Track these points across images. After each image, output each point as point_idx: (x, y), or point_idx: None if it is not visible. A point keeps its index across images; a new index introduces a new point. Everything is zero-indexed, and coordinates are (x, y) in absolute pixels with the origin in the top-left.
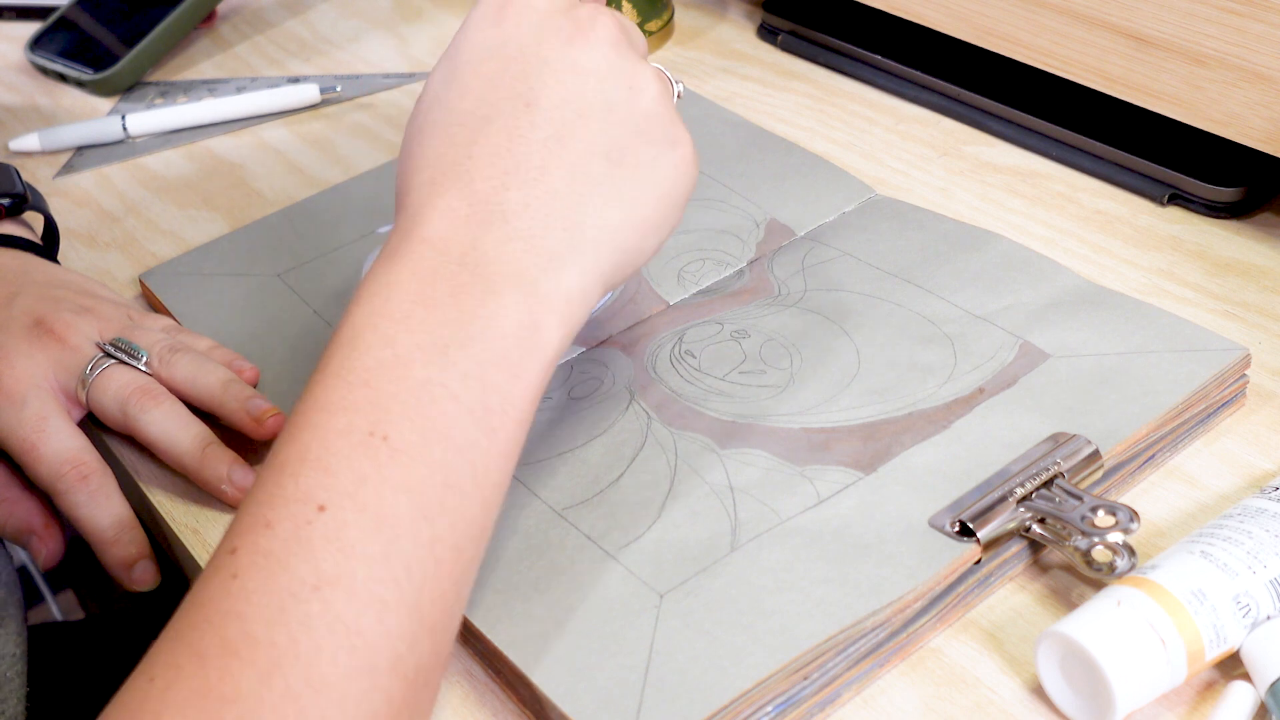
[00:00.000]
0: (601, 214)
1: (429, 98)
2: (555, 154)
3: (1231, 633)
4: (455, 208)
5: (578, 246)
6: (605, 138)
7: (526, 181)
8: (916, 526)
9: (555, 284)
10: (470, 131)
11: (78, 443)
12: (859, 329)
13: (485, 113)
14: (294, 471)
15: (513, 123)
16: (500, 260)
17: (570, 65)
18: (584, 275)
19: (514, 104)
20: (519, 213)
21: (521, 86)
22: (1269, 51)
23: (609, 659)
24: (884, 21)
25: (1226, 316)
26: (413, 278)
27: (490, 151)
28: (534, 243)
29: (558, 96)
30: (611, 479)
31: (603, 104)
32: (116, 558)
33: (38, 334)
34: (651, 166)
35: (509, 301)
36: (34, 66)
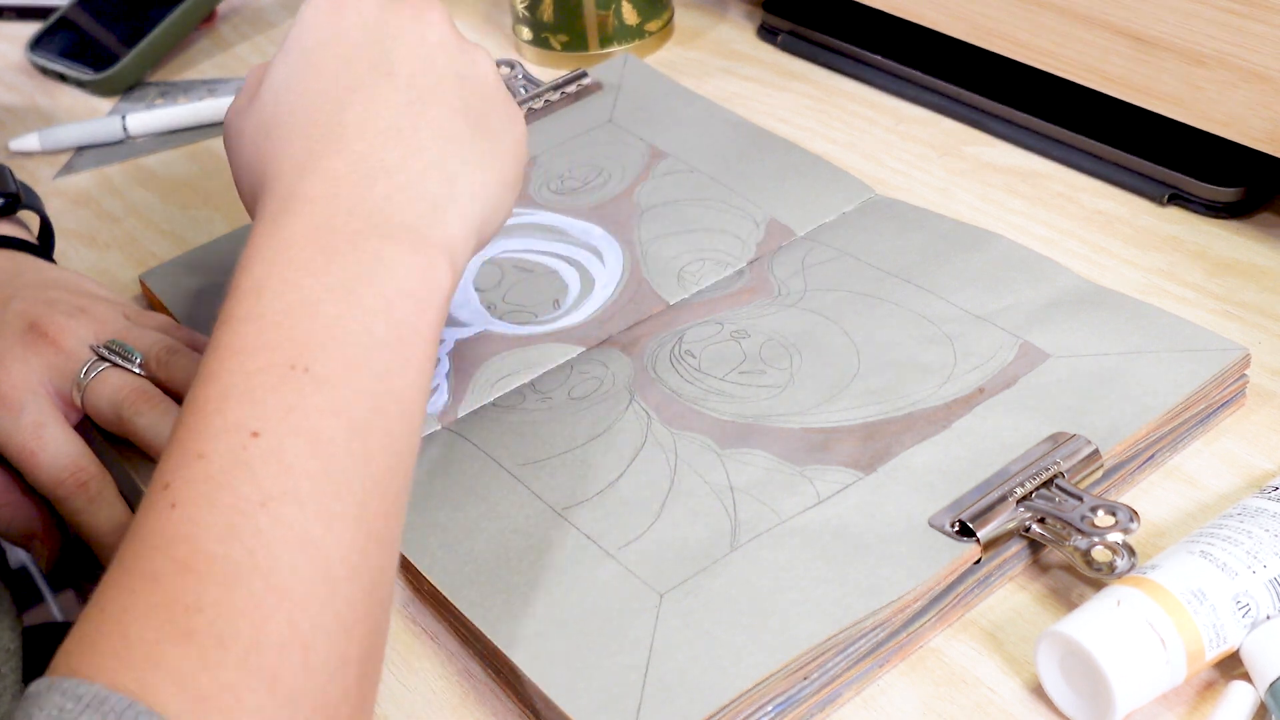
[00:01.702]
0: (470, 171)
1: (273, 87)
2: (422, 115)
3: (1231, 633)
4: (336, 168)
5: (454, 198)
6: (462, 104)
7: (401, 141)
8: (916, 526)
9: (440, 231)
10: (336, 102)
11: (75, 448)
12: (859, 329)
13: (347, 85)
14: (219, 407)
15: (377, 91)
16: (389, 210)
17: (419, 39)
18: (462, 223)
19: (374, 74)
20: (399, 168)
21: (378, 59)
22: (1269, 51)
23: (609, 659)
24: (884, 21)
25: (1226, 316)
26: (307, 231)
27: (360, 117)
28: (417, 194)
29: (413, 66)
30: (611, 479)
31: (454, 73)
32: None
33: (32, 338)
34: (503, 131)
35: (404, 245)
36: (34, 66)
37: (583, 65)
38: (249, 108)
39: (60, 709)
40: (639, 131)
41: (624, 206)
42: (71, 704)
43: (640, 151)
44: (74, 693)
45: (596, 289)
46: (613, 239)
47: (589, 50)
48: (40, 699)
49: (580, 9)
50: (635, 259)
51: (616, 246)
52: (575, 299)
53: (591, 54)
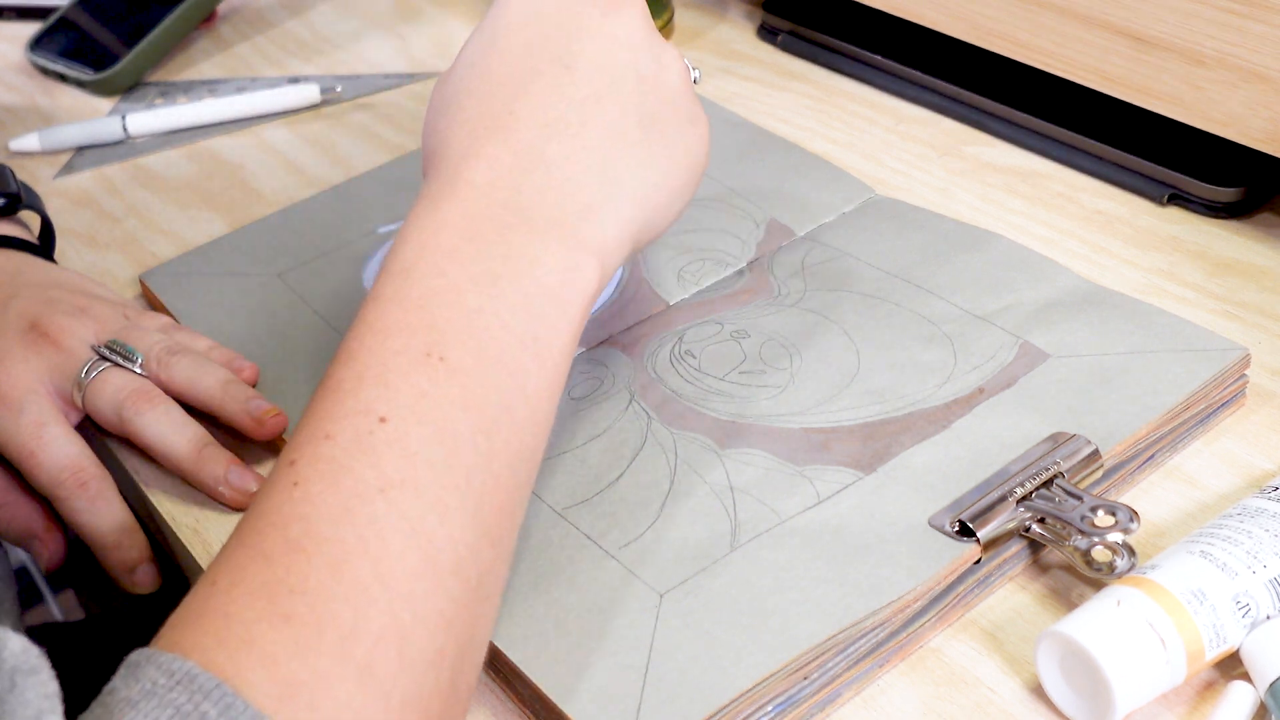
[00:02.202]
0: (635, 173)
1: (463, 63)
2: (594, 113)
3: (1231, 633)
4: (499, 156)
5: (613, 199)
6: (638, 104)
7: (567, 136)
8: (916, 526)
9: (592, 231)
10: (512, 89)
11: (76, 449)
12: (859, 329)
13: (526, 73)
14: (352, 389)
15: (554, 82)
16: (543, 205)
17: (607, 34)
18: (618, 227)
19: (554, 66)
20: (560, 163)
21: (561, 50)
22: (1269, 51)
23: (609, 659)
24: (884, 21)
25: (1226, 316)
26: (461, 217)
27: (533, 107)
28: (573, 192)
29: (595, 62)
30: (611, 479)
31: (635, 74)
32: (117, 562)
33: (33, 338)
34: (678, 137)
35: (552, 242)
36: (34, 66)
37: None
38: (444, 78)
39: (153, 682)
40: None
41: None
42: (164, 679)
43: None
44: (168, 668)
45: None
46: None
47: None
48: (137, 670)
49: None
50: (635, 259)
51: None
52: None
53: None
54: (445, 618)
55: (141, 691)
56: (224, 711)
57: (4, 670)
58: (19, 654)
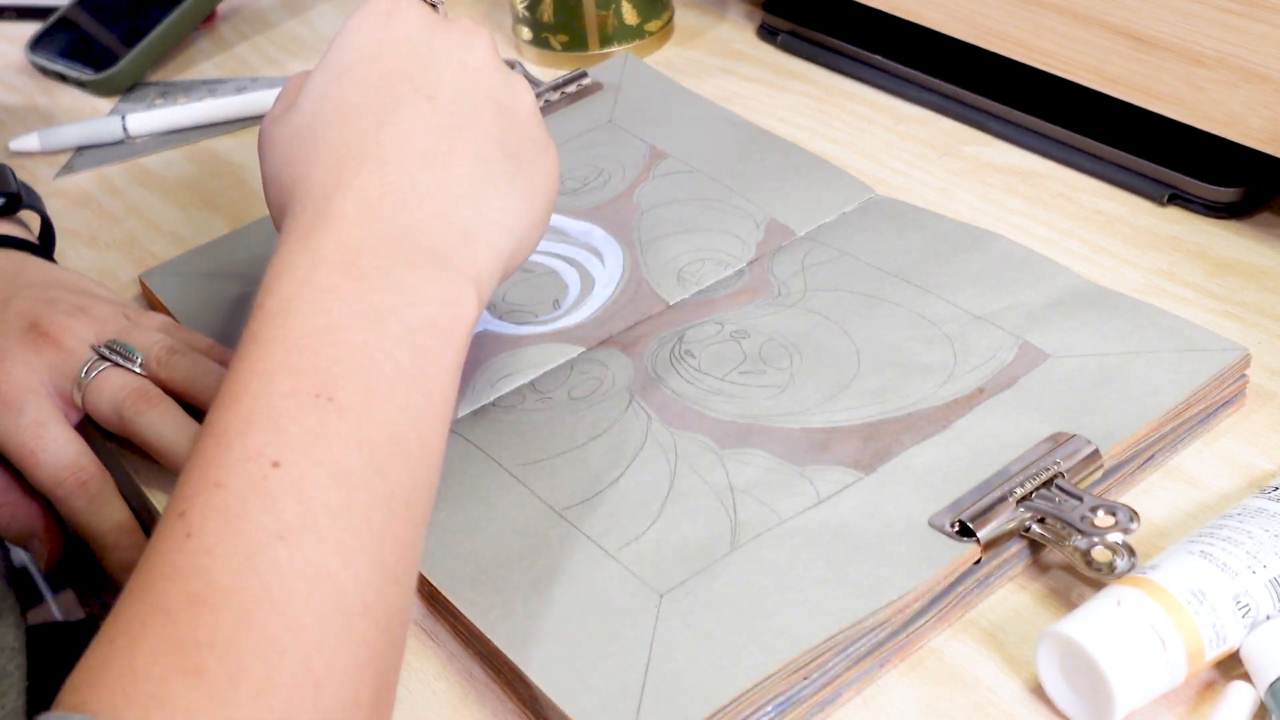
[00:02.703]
0: (502, 200)
1: (312, 97)
2: (459, 142)
3: (1231, 633)
4: (369, 187)
5: (484, 227)
6: (499, 133)
7: (436, 165)
8: (916, 526)
9: (469, 260)
10: (374, 119)
11: (76, 448)
12: (859, 329)
13: (387, 103)
14: (240, 432)
15: (416, 112)
16: (418, 236)
17: (461, 65)
18: (491, 254)
19: (415, 95)
20: (432, 193)
21: (420, 80)
22: (1269, 51)
23: (609, 659)
24: (884, 21)
25: (1226, 316)
26: (335, 251)
27: (398, 137)
28: (447, 221)
29: (454, 91)
30: (611, 479)
31: (493, 103)
32: (117, 562)
33: (33, 338)
34: (536, 163)
35: (430, 273)
36: (34, 66)
37: (583, 65)
38: (284, 116)
39: None
40: (639, 132)
41: (624, 207)
42: None
43: (640, 152)
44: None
45: (596, 289)
46: (613, 239)
47: (589, 50)
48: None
49: (580, 9)
50: (635, 259)
51: (616, 247)
52: (575, 299)
53: (591, 54)
54: (358, 662)
55: None
56: None
57: None
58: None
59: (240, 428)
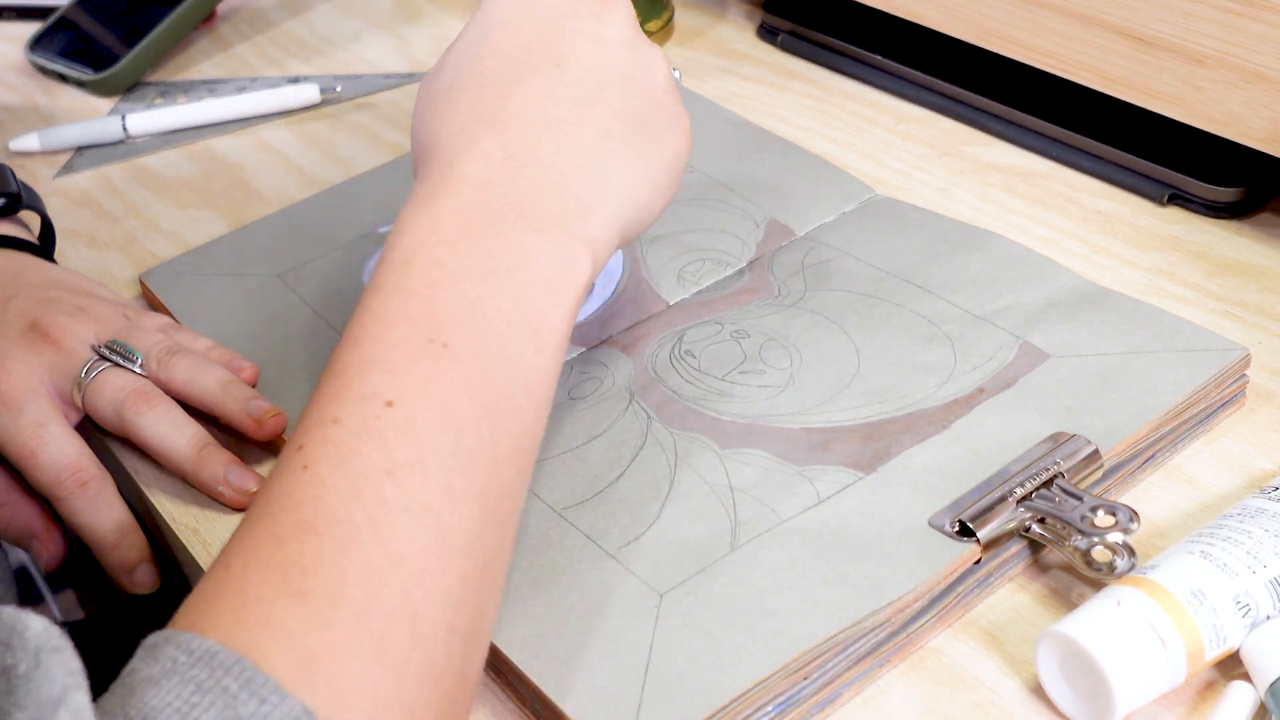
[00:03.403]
0: (623, 171)
1: (454, 59)
2: (586, 112)
3: (1231, 633)
4: (492, 152)
5: (603, 197)
6: (626, 105)
7: (560, 134)
8: (916, 526)
9: (585, 226)
10: (505, 86)
11: (75, 449)
12: (859, 329)
13: (519, 71)
14: (358, 374)
15: (546, 81)
16: (536, 200)
17: (597, 36)
18: (608, 223)
19: (547, 64)
20: (553, 160)
21: (553, 50)
22: (1269, 51)
23: (609, 659)
24: (884, 21)
25: (1226, 316)
26: (456, 211)
27: (526, 104)
28: (566, 188)
29: (587, 62)
30: (611, 479)
31: (623, 74)
32: (117, 562)
33: (33, 338)
34: (664, 136)
35: (547, 236)
36: (34, 66)
37: None
38: (433, 76)
39: (173, 660)
40: None
41: None
42: (184, 657)
43: None
44: (187, 646)
45: (596, 289)
46: None
47: None
48: (156, 650)
49: None
50: (635, 259)
51: None
52: None
53: None
54: (455, 597)
55: (162, 670)
56: (245, 685)
57: (29, 649)
58: (42, 633)
59: (359, 369)
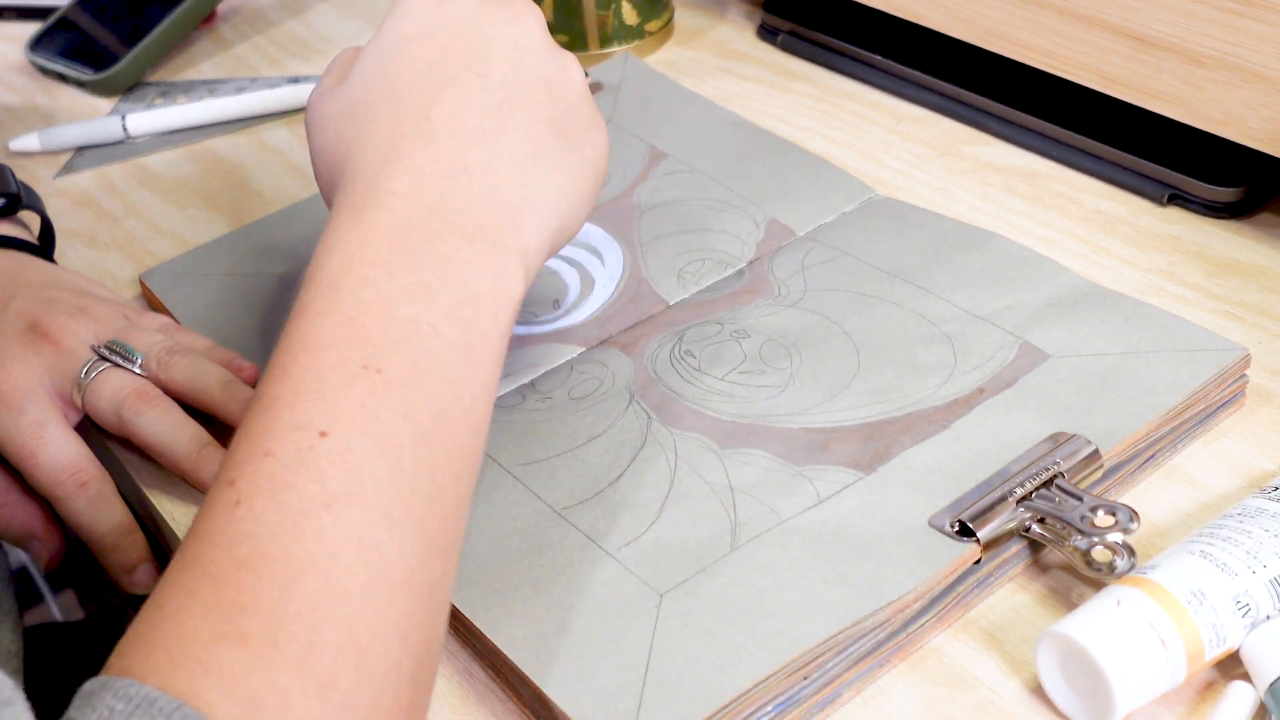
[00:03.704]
0: (550, 178)
1: (365, 74)
2: (508, 120)
3: (1231, 633)
4: (421, 164)
5: (532, 204)
6: (548, 110)
7: (485, 143)
8: (916, 526)
9: (516, 236)
10: (425, 96)
11: (75, 449)
12: (859, 329)
13: (438, 80)
14: (289, 403)
15: (467, 89)
16: (467, 212)
17: (513, 42)
18: (538, 231)
19: (466, 73)
20: (481, 170)
21: (471, 58)
22: (1269, 51)
23: (609, 659)
24: (884, 21)
25: (1226, 316)
26: (386, 227)
27: (449, 114)
28: (496, 198)
29: (505, 68)
30: (611, 479)
31: (543, 80)
32: (117, 562)
33: (33, 338)
34: (585, 142)
35: (480, 249)
36: (34, 66)
37: (583, 65)
38: (335, 91)
39: (111, 709)
40: (639, 132)
41: (624, 206)
42: (122, 705)
43: (640, 152)
44: (125, 693)
45: (596, 289)
46: (613, 239)
47: (589, 50)
48: (92, 699)
49: (580, 9)
50: (635, 259)
51: (616, 247)
52: (575, 299)
53: (591, 54)
54: (400, 630)
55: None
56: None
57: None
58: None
59: (289, 398)
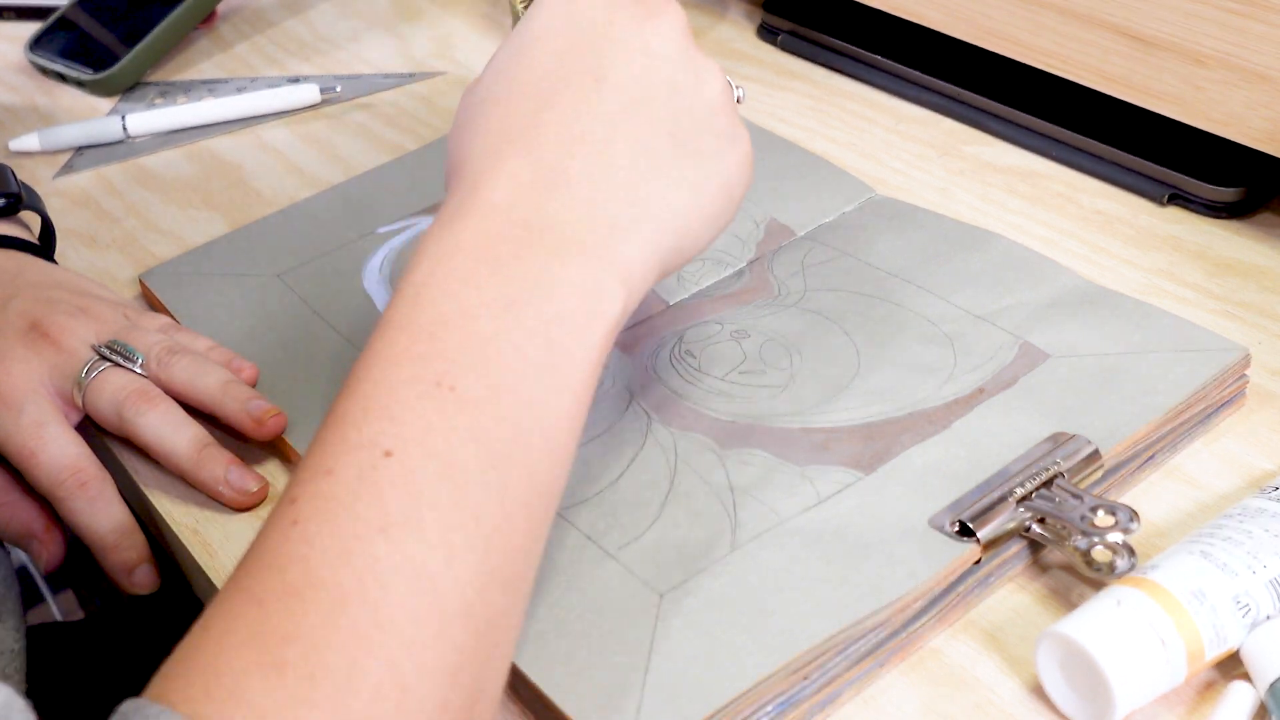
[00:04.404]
0: (664, 193)
1: (493, 70)
2: (621, 128)
3: (1231, 633)
4: (520, 173)
5: (639, 220)
6: (671, 120)
7: (592, 152)
8: (916, 526)
9: (616, 252)
10: (537, 102)
11: (75, 449)
12: (859, 329)
13: (553, 84)
14: (357, 421)
15: (581, 95)
16: (564, 225)
17: (641, 46)
18: (643, 248)
19: (583, 78)
20: (582, 181)
21: (592, 62)
22: (1269, 51)
23: (609, 659)
24: (884, 21)
25: (1226, 316)
26: (477, 238)
27: (557, 121)
28: (596, 211)
29: (627, 74)
30: (611, 479)
31: (669, 87)
32: (117, 563)
33: (33, 338)
34: (714, 157)
35: (572, 264)
36: (34, 66)
37: None
38: (473, 87)
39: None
40: None
41: None
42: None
43: None
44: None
45: None
46: None
47: None
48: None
49: None
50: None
51: None
52: None
53: None
54: (450, 668)
55: None
56: None
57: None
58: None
59: (358, 415)
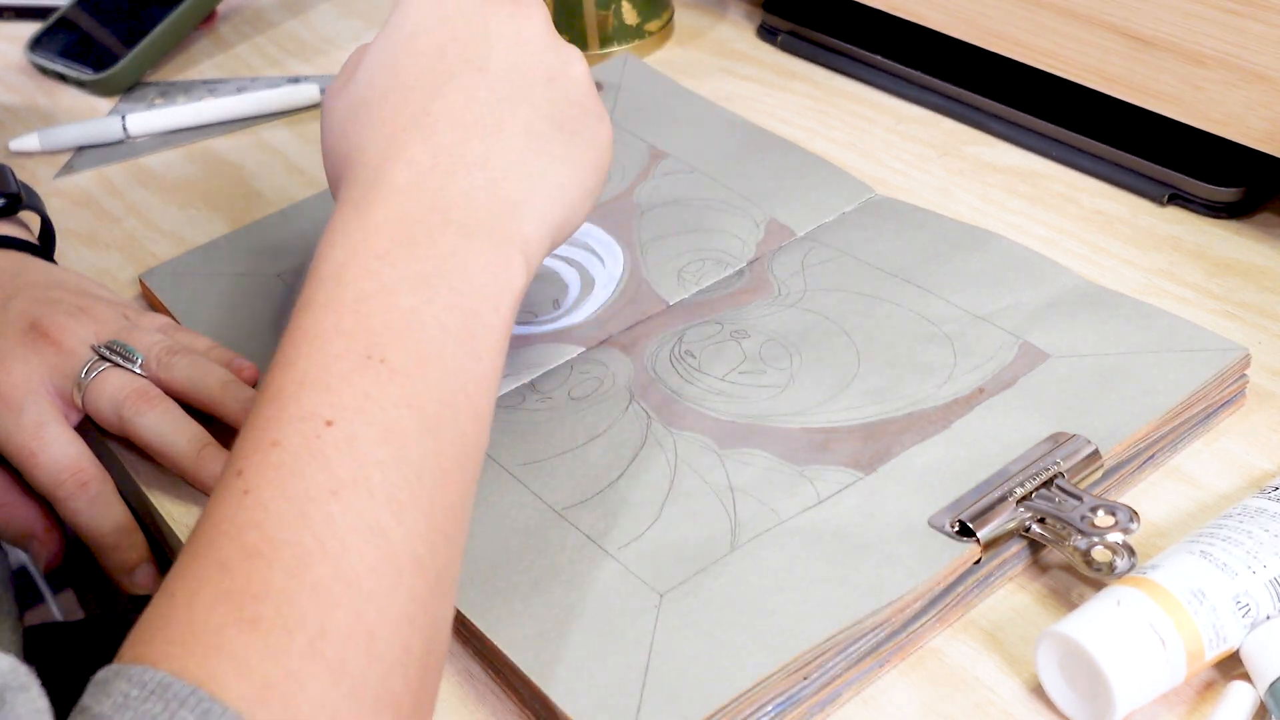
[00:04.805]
0: (551, 171)
1: (370, 68)
2: (509, 113)
3: (1231, 633)
4: (420, 159)
5: (533, 197)
6: (548, 104)
7: (485, 136)
8: (916, 526)
9: (517, 229)
10: (426, 93)
11: (76, 449)
12: (859, 329)
13: (439, 77)
14: (294, 394)
15: (468, 84)
16: (467, 205)
17: (515, 35)
18: (539, 224)
19: (467, 68)
20: (481, 164)
21: (472, 53)
22: (1269, 51)
23: (609, 659)
24: (884, 21)
25: (1226, 316)
26: (387, 221)
27: (449, 109)
28: (496, 190)
29: (507, 63)
30: (611, 479)
31: (545, 73)
32: (117, 563)
33: (33, 338)
34: (589, 135)
35: (479, 241)
36: (34, 66)
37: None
38: (343, 89)
39: (125, 695)
40: (639, 131)
41: (624, 206)
42: (136, 690)
43: (640, 151)
44: (139, 679)
45: (596, 289)
46: (613, 239)
47: (589, 50)
48: (106, 686)
49: (580, 9)
50: (635, 259)
51: (616, 247)
52: (575, 299)
53: (591, 54)
54: (408, 614)
55: (114, 706)
56: (202, 717)
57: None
58: (8, 672)
59: (294, 389)
